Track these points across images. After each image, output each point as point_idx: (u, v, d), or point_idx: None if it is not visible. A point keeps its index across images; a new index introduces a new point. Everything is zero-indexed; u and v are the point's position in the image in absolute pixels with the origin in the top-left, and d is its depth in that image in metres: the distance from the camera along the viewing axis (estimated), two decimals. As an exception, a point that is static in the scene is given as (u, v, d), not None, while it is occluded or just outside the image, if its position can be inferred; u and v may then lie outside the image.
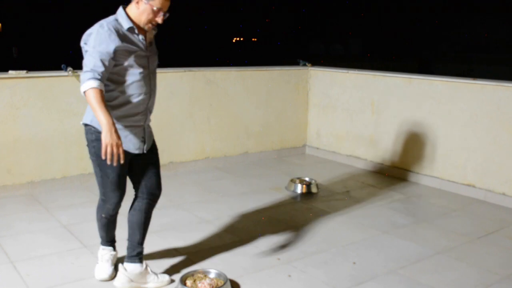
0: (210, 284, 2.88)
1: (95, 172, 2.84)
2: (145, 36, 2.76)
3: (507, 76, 6.24)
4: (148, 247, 3.55)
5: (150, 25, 2.71)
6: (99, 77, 2.51)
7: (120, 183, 2.84)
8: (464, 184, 4.83)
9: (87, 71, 2.53)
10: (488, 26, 29.31)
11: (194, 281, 2.94)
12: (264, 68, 6.04)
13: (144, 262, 3.00)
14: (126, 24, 2.68)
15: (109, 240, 3.09)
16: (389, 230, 3.93)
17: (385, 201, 4.65)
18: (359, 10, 32.94)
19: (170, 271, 3.18)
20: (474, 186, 4.76)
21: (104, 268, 3.04)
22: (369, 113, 5.63)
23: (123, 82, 2.70)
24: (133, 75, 2.71)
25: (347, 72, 5.91)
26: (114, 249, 3.11)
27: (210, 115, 5.60)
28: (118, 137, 2.47)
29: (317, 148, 6.33)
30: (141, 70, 2.72)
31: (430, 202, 4.62)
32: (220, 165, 5.68)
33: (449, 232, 3.93)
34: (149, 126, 2.93)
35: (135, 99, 2.74)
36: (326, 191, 4.90)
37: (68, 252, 3.43)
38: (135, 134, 2.80)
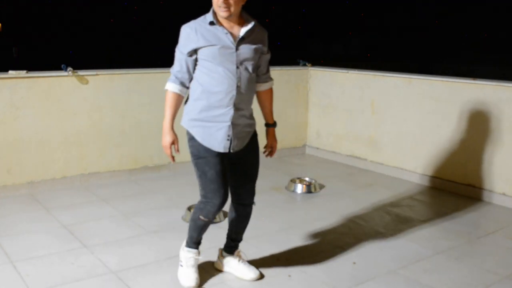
0: None
1: (195, 172, 2.87)
2: (232, 30, 2.71)
3: (507, 76, 6.24)
4: (149, 247, 3.55)
5: (220, 9, 2.63)
6: (175, 78, 2.74)
7: (219, 182, 2.78)
8: (464, 184, 4.83)
9: (171, 72, 2.77)
10: (488, 26, 29.30)
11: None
12: (264, 68, 6.02)
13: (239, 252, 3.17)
14: (209, 18, 2.70)
15: (198, 241, 3.02)
16: (389, 230, 3.93)
17: (385, 201, 4.65)
18: (359, 10, 32.93)
19: (169, 273, 3.18)
20: (474, 186, 4.76)
21: (191, 275, 2.99)
22: (369, 113, 5.63)
23: (207, 76, 2.70)
24: (216, 70, 2.68)
25: (347, 72, 5.91)
26: (199, 252, 3.04)
27: (210, 115, 5.58)
28: (168, 138, 2.77)
29: (317, 148, 6.33)
30: (225, 64, 2.68)
31: (430, 202, 4.62)
32: (220, 165, 5.68)
33: (449, 232, 3.93)
34: (246, 126, 2.83)
35: (218, 94, 2.70)
36: (326, 191, 4.90)
37: (68, 252, 3.43)
38: (219, 131, 2.74)
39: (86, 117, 4.87)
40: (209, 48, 2.66)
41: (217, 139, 2.75)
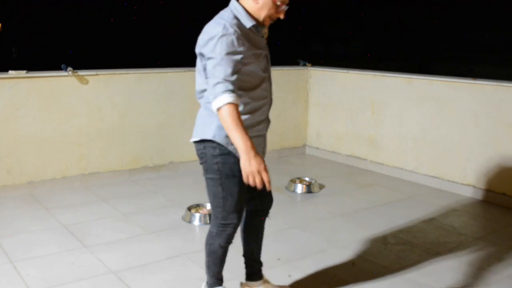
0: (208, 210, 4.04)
1: (214, 193, 2.43)
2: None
3: (507, 77, 6.24)
4: (149, 247, 3.55)
5: (271, 19, 2.38)
6: (232, 88, 2.16)
7: (243, 202, 2.50)
8: (464, 184, 4.83)
9: (218, 83, 2.16)
10: (488, 26, 29.29)
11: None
12: (264, 68, 6.02)
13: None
14: (248, 23, 2.32)
15: (220, 277, 2.64)
16: (389, 230, 3.93)
17: (385, 200, 4.65)
18: (359, 10, 32.92)
19: (169, 273, 3.18)
20: (474, 186, 4.76)
21: None
22: (369, 113, 5.63)
23: (251, 87, 2.35)
24: (259, 79, 2.38)
25: (347, 72, 5.91)
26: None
27: (210, 115, 5.58)
28: (261, 160, 2.14)
29: (317, 148, 6.33)
30: (264, 72, 2.40)
31: (430, 202, 4.62)
32: (220, 165, 5.67)
33: (449, 232, 3.93)
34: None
35: (261, 106, 2.42)
36: (326, 191, 4.90)
37: (68, 252, 3.44)
38: (258, 146, 2.43)
39: (86, 117, 4.87)
40: (257, 55, 2.33)
41: None
